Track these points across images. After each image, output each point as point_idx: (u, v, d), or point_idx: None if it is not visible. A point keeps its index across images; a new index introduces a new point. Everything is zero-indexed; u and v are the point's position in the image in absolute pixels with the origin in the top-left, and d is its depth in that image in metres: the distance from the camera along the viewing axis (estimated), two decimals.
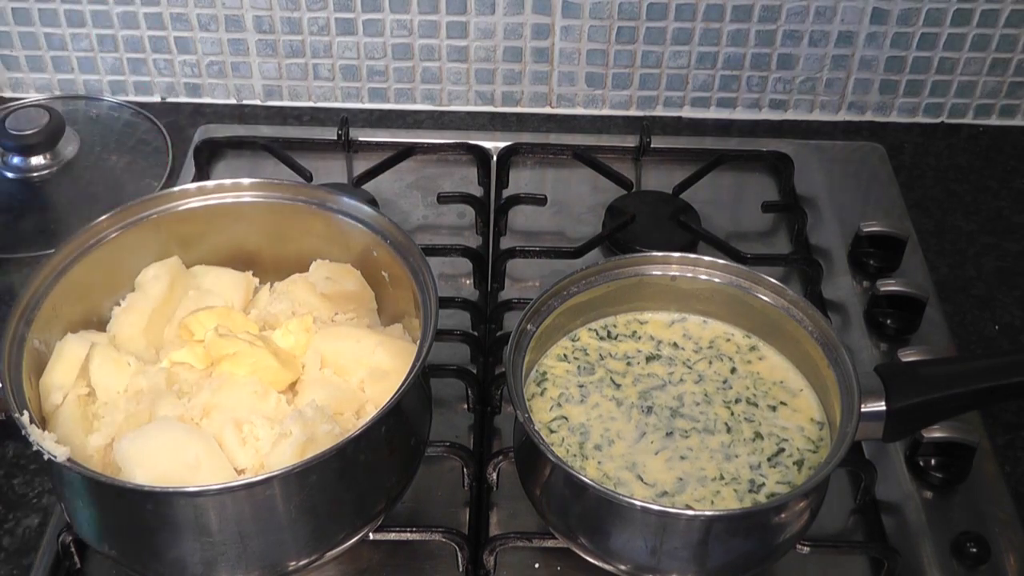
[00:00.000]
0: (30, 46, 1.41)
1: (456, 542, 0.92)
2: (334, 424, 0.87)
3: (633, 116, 1.44)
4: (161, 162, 1.34)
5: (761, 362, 0.97)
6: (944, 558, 0.94)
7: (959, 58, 1.38)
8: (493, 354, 1.08)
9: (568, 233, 1.26)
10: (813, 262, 1.18)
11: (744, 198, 1.31)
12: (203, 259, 1.02)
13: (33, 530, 0.97)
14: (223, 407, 0.88)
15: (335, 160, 1.34)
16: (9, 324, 0.87)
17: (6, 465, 1.02)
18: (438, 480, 0.99)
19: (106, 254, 0.96)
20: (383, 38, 1.38)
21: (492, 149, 1.33)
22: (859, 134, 1.43)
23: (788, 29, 1.36)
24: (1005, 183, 1.35)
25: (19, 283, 1.19)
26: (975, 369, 0.91)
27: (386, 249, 0.96)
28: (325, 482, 0.82)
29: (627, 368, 0.96)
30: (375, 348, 0.94)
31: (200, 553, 0.81)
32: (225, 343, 0.91)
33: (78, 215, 1.26)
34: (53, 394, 0.89)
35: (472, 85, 1.42)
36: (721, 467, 0.88)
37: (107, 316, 0.98)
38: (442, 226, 1.26)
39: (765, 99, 1.43)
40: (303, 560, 0.85)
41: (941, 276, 1.22)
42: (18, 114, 1.30)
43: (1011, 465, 1.03)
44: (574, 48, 1.39)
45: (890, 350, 1.11)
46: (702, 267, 0.97)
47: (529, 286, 1.19)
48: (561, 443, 0.90)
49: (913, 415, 0.88)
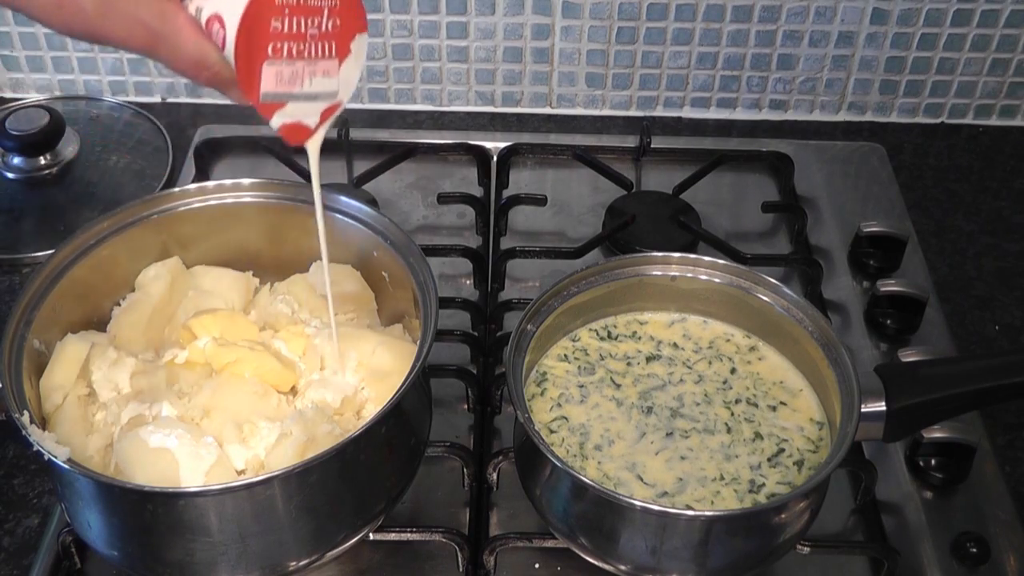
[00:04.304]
0: (30, 46, 1.41)
1: (456, 542, 0.92)
2: (334, 424, 0.88)
3: (633, 116, 1.44)
4: (161, 162, 1.34)
5: (761, 362, 0.97)
6: (944, 558, 0.94)
7: (959, 58, 1.38)
8: (493, 354, 1.08)
9: (568, 233, 1.26)
10: (813, 262, 1.18)
11: (744, 198, 1.31)
12: (203, 259, 1.02)
13: (33, 530, 0.97)
14: (223, 407, 0.88)
15: (335, 160, 1.34)
16: (9, 324, 0.87)
17: (6, 465, 1.02)
18: (438, 480, 0.99)
19: (106, 254, 0.96)
20: (383, 38, 1.38)
21: (492, 149, 1.33)
22: (859, 134, 1.43)
23: (788, 29, 1.36)
24: (1005, 183, 1.35)
25: (19, 283, 1.20)
26: (975, 369, 0.91)
27: (386, 249, 0.96)
28: (325, 482, 0.82)
29: (627, 368, 0.96)
30: (375, 348, 0.94)
31: (200, 553, 0.81)
32: (225, 352, 0.92)
33: (78, 215, 1.26)
34: (53, 394, 0.88)
35: (472, 85, 1.42)
36: (721, 467, 0.88)
37: (107, 316, 0.98)
38: (442, 226, 1.26)
39: (765, 99, 1.43)
40: (303, 560, 0.85)
41: (941, 276, 1.22)
42: (18, 114, 1.29)
43: (1011, 465, 1.03)
44: (574, 48, 1.39)
45: (890, 350, 1.11)
46: (702, 267, 0.97)
47: (529, 286, 1.19)
48: (561, 443, 0.90)
49: (913, 415, 0.88)
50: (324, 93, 0.79)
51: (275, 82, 0.76)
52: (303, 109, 0.79)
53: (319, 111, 0.80)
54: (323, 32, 0.76)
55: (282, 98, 0.77)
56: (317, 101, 0.79)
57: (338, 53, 0.78)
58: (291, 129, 0.80)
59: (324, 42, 0.77)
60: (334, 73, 0.78)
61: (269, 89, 0.75)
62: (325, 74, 0.78)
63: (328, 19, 0.76)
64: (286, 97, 0.77)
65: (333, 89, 0.79)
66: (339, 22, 0.76)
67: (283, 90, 0.76)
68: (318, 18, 0.75)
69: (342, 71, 0.79)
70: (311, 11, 0.75)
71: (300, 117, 0.79)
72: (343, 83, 0.80)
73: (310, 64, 0.77)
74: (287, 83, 0.76)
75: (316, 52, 0.76)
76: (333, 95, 0.80)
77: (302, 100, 0.78)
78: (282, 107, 0.77)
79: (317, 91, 0.78)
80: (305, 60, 0.76)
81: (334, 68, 0.78)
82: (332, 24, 0.76)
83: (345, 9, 0.76)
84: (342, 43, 0.78)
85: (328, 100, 0.80)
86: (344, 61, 0.79)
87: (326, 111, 0.81)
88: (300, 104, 0.78)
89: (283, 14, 0.73)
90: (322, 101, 0.80)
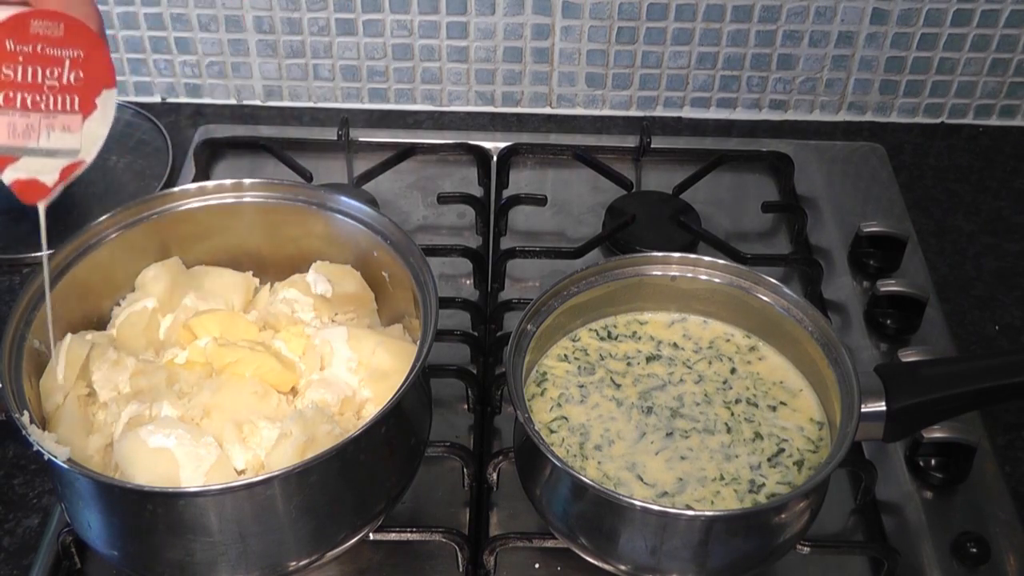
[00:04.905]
0: None
1: (456, 542, 0.92)
2: (334, 424, 0.88)
3: (633, 116, 1.44)
4: (161, 162, 1.34)
5: (761, 362, 0.97)
6: (944, 558, 0.94)
7: (959, 58, 1.38)
8: (493, 354, 1.08)
9: (568, 233, 1.26)
10: (813, 262, 1.18)
11: (744, 198, 1.31)
12: (203, 259, 1.02)
13: (33, 530, 0.97)
14: (223, 407, 0.88)
15: (335, 160, 1.34)
16: (9, 324, 0.87)
17: (6, 465, 1.02)
18: (438, 480, 0.99)
19: (106, 254, 0.96)
20: (383, 38, 1.38)
21: (492, 149, 1.33)
22: (859, 134, 1.43)
23: (788, 29, 1.36)
24: (1005, 183, 1.35)
25: (19, 283, 1.20)
26: (975, 369, 0.91)
27: (386, 249, 0.96)
28: (325, 482, 0.82)
29: (627, 368, 0.96)
30: (375, 348, 0.94)
31: (200, 553, 0.81)
32: (226, 352, 0.91)
33: (78, 215, 1.26)
34: (53, 394, 0.88)
35: (472, 85, 1.43)
36: (721, 467, 0.88)
37: (107, 316, 0.98)
38: (442, 226, 1.26)
39: (765, 99, 1.43)
40: (303, 560, 0.85)
41: (941, 276, 1.22)
42: None
43: (1011, 465, 1.03)
44: (574, 48, 1.39)
45: (890, 350, 1.11)
46: (702, 267, 0.97)
47: (529, 286, 1.19)
48: (561, 443, 0.90)
49: (913, 415, 0.88)
50: (64, 150, 0.74)
51: (7, 134, 0.71)
52: (40, 165, 0.73)
53: (58, 168, 0.75)
54: (63, 85, 0.71)
55: (15, 152, 0.72)
56: (56, 157, 0.74)
57: (81, 108, 0.73)
58: (25, 185, 0.74)
59: (64, 95, 0.72)
60: (76, 129, 0.73)
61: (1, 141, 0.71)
62: (65, 129, 0.73)
63: (70, 71, 0.71)
64: (19, 152, 0.72)
65: (75, 146, 0.74)
66: (82, 75, 0.72)
67: (17, 144, 0.71)
68: (58, 69, 0.71)
69: (85, 127, 0.74)
70: (50, 61, 0.70)
71: (36, 173, 0.74)
72: (86, 140, 0.74)
73: (48, 117, 0.72)
74: (21, 136, 0.71)
75: (55, 105, 0.72)
76: (74, 152, 0.75)
77: (39, 155, 0.73)
78: (14, 161, 0.72)
79: (56, 147, 0.73)
80: (43, 113, 0.72)
81: (76, 123, 0.73)
82: (75, 76, 0.72)
83: (90, 63, 0.72)
84: (86, 98, 0.73)
85: (68, 157, 0.75)
86: (88, 117, 0.74)
87: (66, 169, 0.75)
88: (37, 159, 0.73)
89: (16, 61, 0.69)
90: (62, 158, 0.74)
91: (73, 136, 0.74)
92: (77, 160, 0.76)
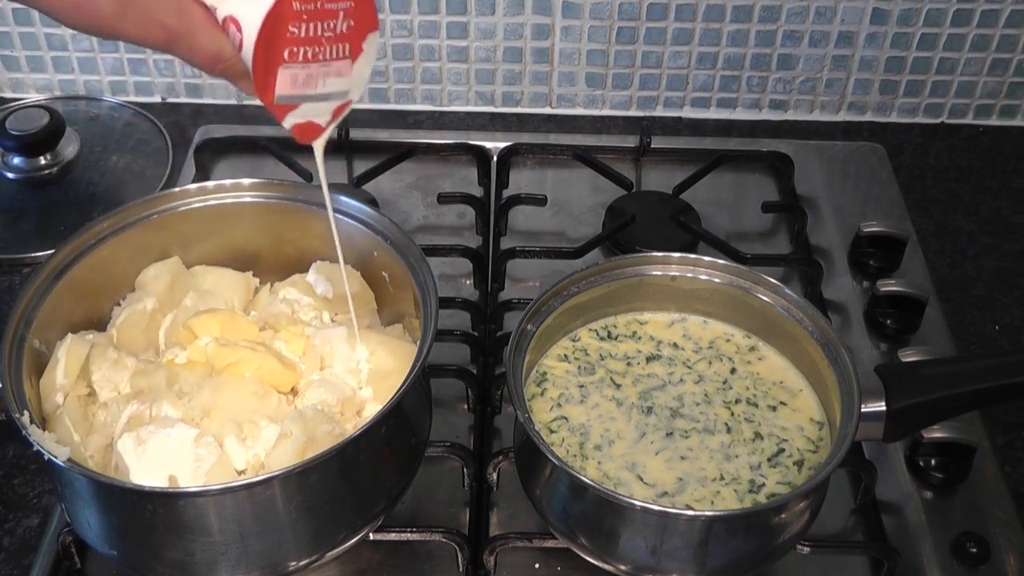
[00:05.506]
0: (31, 46, 1.41)
1: (456, 542, 0.92)
2: (334, 424, 0.88)
3: (633, 116, 1.44)
4: (161, 162, 1.34)
5: (761, 362, 0.97)
6: (944, 558, 0.94)
7: (959, 58, 1.38)
8: (493, 354, 1.08)
9: (568, 233, 1.26)
10: (813, 262, 1.18)
11: (744, 198, 1.31)
12: (203, 259, 1.02)
13: (33, 530, 0.97)
14: (223, 407, 0.88)
15: (335, 160, 1.34)
16: (9, 324, 0.87)
17: (6, 465, 1.02)
18: (438, 480, 0.99)
19: (106, 254, 0.96)
20: (383, 38, 1.38)
21: (492, 149, 1.33)
22: (859, 134, 1.43)
23: (788, 29, 1.36)
24: (1005, 183, 1.35)
25: (19, 283, 1.20)
26: (975, 369, 0.91)
27: (386, 249, 0.96)
28: (325, 482, 0.82)
29: (627, 368, 0.96)
30: (375, 348, 0.94)
31: (200, 553, 0.81)
32: (227, 352, 0.91)
33: (78, 215, 1.26)
34: (53, 394, 0.88)
35: (472, 85, 1.43)
36: (721, 467, 0.88)
37: (107, 316, 0.98)
38: (442, 226, 1.26)
39: (765, 99, 1.43)
40: (303, 560, 0.85)
41: (941, 276, 1.22)
42: (18, 114, 1.30)
43: (1011, 465, 1.03)
44: (574, 48, 1.39)
45: (890, 350, 1.11)
46: (702, 267, 0.97)
47: (529, 286, 1.19)
48: (561, 443, 0.90)
49: (913, 415, 0.88)
50: (337, 92, 0.80)
51: (290, 85, 0.76)
52: (315, 109, 0.80)
53: (331, 110, 0.82)
54: (338, 34, 0.77)
55: (296, 100, 0.78)
56: (329, 100, 0.81)
57: (351, 53, 0.79)
58: (303, 128, 0.81)
59: (338, 44, 0.77)
60: (347, 73, 0.79)
61: (284, 92, 0.76)
62: (338, 74, 0.79)
63: (343, 21, 0.77)
64: (300, 99, 0.78)
65: (345, 88, 0.80)
66: (353, 23, 0.77)
67: (298, 92, 0.77)
68: (333, 21, 0.76)
69: (354, 70, 0.80)
70: (327, 15, 0.75)
71: (312, 116, 0.81)
72: (355, 81, 0.81)
73: (324, 66, 0.78)
74: (302, 85, 0.77)
75: (330, 54, 0.77)
76: (345, 94, 0.81)
77: (315, 101, 0.79)
78: (295, 108, 0.78)
79: (330, 91, 0.79)
80: (320, 62, 0.77)
81: (347, 68, 0.79)
82: (347, 26, 0.77)
83: (359, 10, 0.77)
84: (355, 43, 0.79)
85: (340, 99, 0.81)
86: (357, 60, 0.79)
87: (337, 109, 0.82)
88: (313, 104, 0.79)
89: (301, 20, 0.74)
90: (334, 100, 0.81)
91: (344, 79, 0.80)
92: (347, 100, 0.82)
